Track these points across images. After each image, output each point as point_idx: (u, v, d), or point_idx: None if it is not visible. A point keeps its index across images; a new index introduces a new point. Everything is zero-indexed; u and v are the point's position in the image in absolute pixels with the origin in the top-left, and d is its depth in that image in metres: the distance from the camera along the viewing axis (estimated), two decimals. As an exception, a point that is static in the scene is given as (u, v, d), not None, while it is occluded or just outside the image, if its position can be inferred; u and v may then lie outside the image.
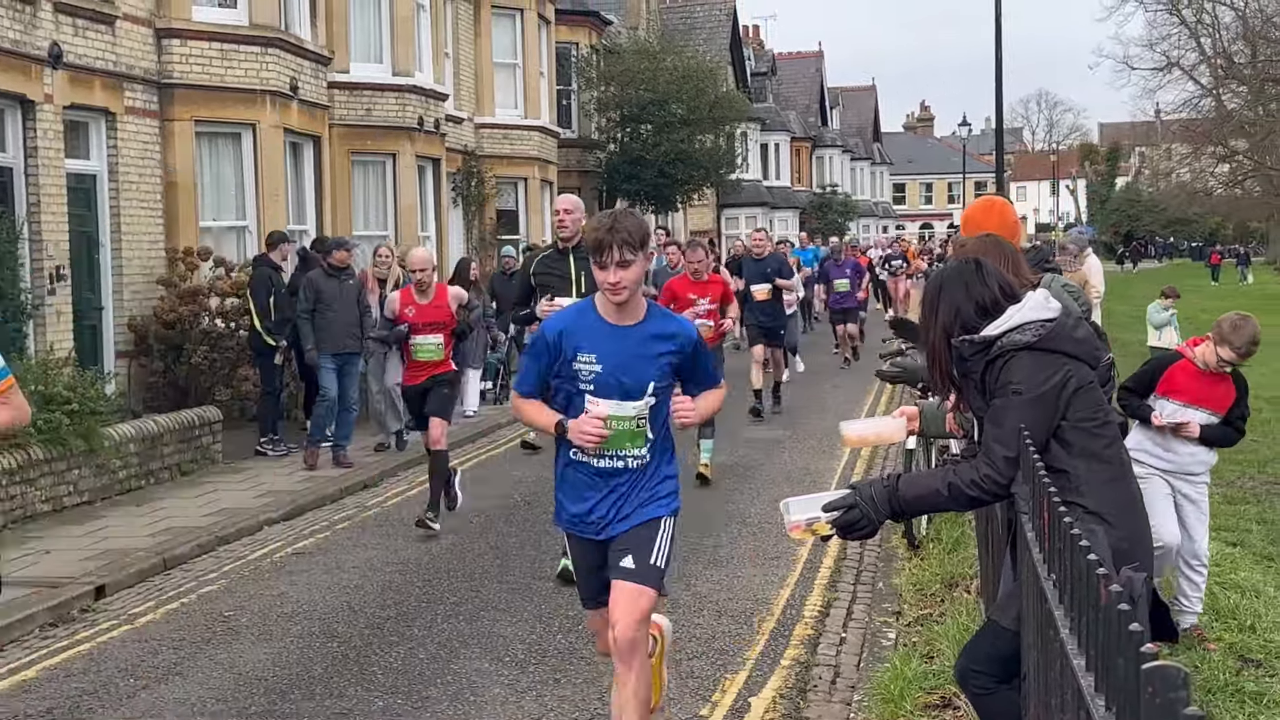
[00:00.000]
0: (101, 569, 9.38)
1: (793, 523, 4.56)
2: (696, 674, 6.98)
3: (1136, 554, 4.25)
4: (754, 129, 50.34)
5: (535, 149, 27.68)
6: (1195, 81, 47.34)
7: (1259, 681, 6.31)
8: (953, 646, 6.61)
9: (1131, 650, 2.30)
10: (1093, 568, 2.77)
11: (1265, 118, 43.81)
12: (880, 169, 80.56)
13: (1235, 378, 7.27)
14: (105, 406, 12.06)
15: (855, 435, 5.61)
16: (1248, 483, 11.63)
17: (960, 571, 8.52)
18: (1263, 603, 7.47)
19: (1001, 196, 7.43)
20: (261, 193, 16.80)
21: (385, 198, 20.54)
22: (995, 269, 4.61)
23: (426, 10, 21.73)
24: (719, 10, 50.22)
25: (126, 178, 15.11)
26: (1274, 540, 9.31)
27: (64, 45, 13.90)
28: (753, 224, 47.28)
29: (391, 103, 20.23)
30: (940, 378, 4.66)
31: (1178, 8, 45.82)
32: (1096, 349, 4.47)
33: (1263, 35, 43.46)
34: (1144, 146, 78.82)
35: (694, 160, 33.82)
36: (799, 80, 66.25)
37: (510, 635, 7.74)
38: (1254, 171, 49.79)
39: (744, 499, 11.67)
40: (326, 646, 7.63)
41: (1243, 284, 54.88)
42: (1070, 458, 4.29)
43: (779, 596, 8.50)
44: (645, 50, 34.17)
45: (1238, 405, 7.27)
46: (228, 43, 16.36)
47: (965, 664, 4.62)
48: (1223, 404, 7.22)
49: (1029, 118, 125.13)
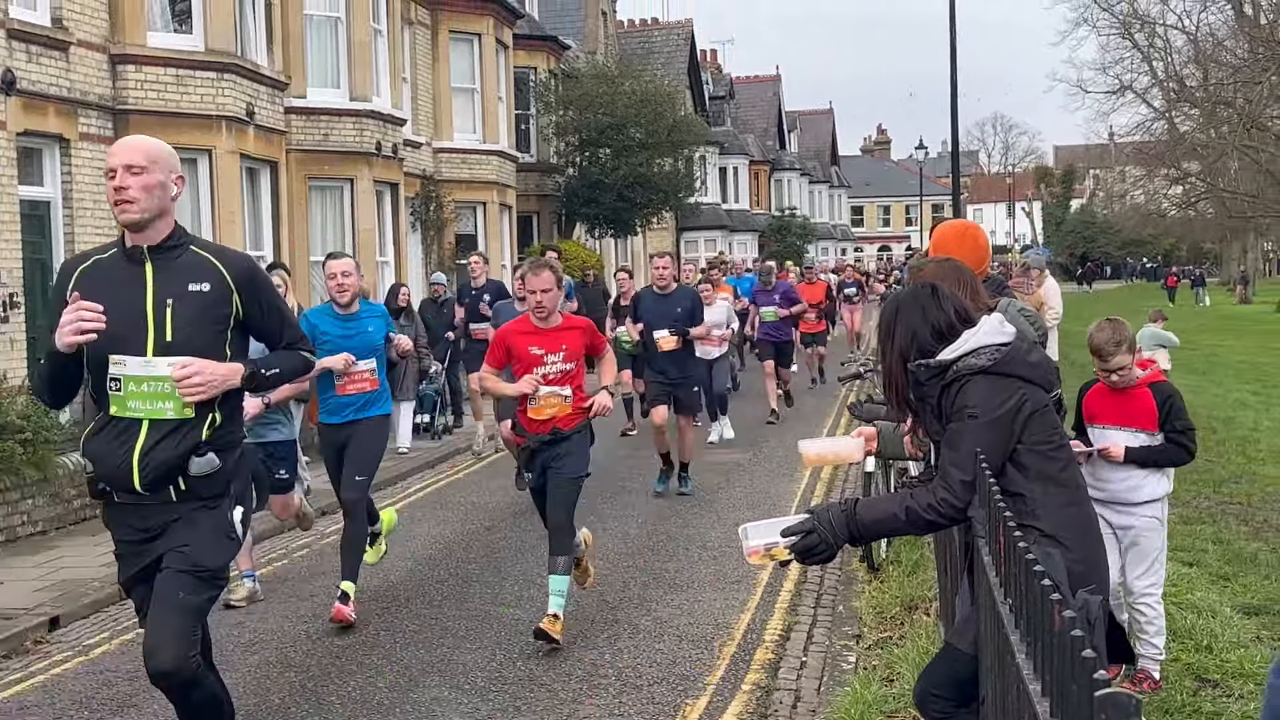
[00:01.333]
0: (56, 600, 9.27)
1: (751, 548, 4.56)
2: (657, 699, 6.96)
3: (1092, 577, 4.27)
4: (712, 152, 50.56)
5: (494, 173, 27.67)
6: (1148, 104, 47.85)
7: (1216, 702, 6.34)
8: (912, 670, 6.62)
9: (1085, 677, 2.30)
10: (1047, 593, 2.78)
11: (1217, 140, 44.24)
12: (838, 192, 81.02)
13: (1155, 388, 6.63)
14: (59, 435, 11.94)
15: (814, 454, 5.64)
16: (1203, 503, 11.71)
17: (920, 594, 8.54)
18: (1219, 623, 7.51)
19: (972, 221, 7.32)
20: (218, 219, 16.70)
21: (343, 223, 20.45)
22: (951, 293, 4.64)
23: (384, 35, 21.70)
24: (677, 35, 50.45)
25: (81, 204, 14.99)
26: (1229, 560, 9.37)
27: (17, 71, 13.79)
28: (712, 247, 47.41)
29: (349, 128, 20.17)
30: (897, 401, 4.68)
31: (1130, 32, 46.31)
32: (1050, 373, 4.50)
33: (1214, 59, 43.95)
34: (1098, 169, 79.69)
35: (653, 184, 33.87)
36: (757, 104, 66.63)
37: (470, 663, 7.69)
38: (1207, 193, 50.30)
39: (704, 523, 11.67)
40: (284, 676, 7.56)
41: (1198, 306, 55.41)
42: (1026, 481, 4.31)
43: (740, 621, 8.49)
44: (604, 75, 34.24)
45: (1170, 417, 6.55)
46: (183, 68, 16.28)
47: (924, 688, 4.62)
48: (1147, 419, 6.56)
49: (985, 141, 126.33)
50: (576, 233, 34.46)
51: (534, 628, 7.87)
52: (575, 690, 7.14)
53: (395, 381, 15.21)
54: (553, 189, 33.40)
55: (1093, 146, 77.05)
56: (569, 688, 7.19)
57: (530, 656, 7.76)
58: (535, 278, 8.20)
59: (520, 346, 8.25)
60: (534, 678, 7.37)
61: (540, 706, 6.89)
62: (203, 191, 16.70)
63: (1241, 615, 7.82)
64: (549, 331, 8.23)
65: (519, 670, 7.53)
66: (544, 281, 8.18)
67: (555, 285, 8.25)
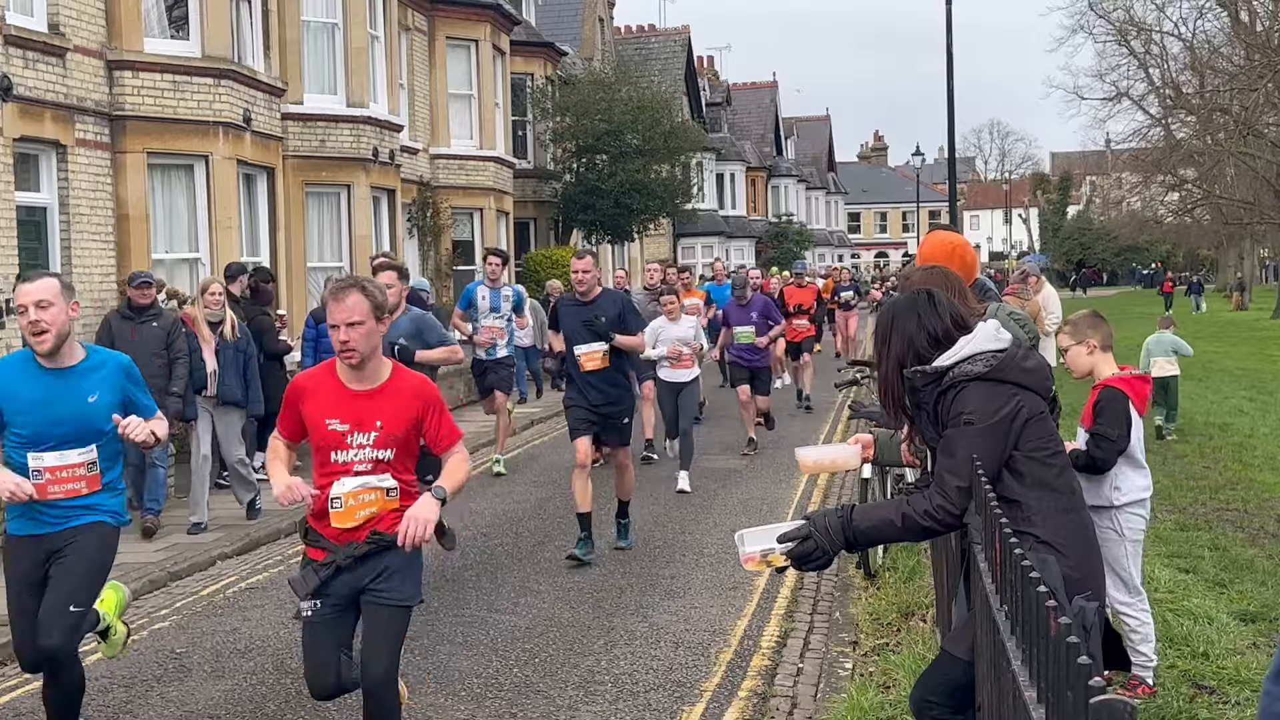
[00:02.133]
0: (51, 606, 9.24)
1: (747, 554, 4.56)
2: (654, 706, 6.95)
3: (1089, 583, 4.28)
4: (709, 159, 50.62)
5: (491, 179, 27.69)
6: (1144, 111, 47.96)
7: (1212, 708, 6.35)
8: (909, 676, 6.63)
9: (1080, 684, 2.30)
10: (1043, 600, 2.78)
11: (1213, 147, 44.35)
12: (835, 198, 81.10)
13: (1103, 390, 6.56)
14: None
15: (811, 461, 5.64)
16: (1199, 509, 11.71)
17: (916, 601, 8.54)
18: (1215, 629, 7.52)
19: (955, 232, 7.30)
20: (214, 225, 16.71)
21: (340, 229, 20.47)
22: (948, 300, 4.65)
23: (381, 41, 21.72)
24: (674, 41, 50.53)
25: (77, 210, 14.98)
26: (1226, 567, 9.37)
27: (14, 77, 13.79)
28: (709, 253, 47.35)
29: (346, 134, 20.19)
30: (893, 408, 4.69)
31: (1126, 39, 46.42)
32: (1047, 379, 4.51)
33: (1210, 65, 44.06)
34: (1095, 175, 79.77)
35: (650, 190, 33.92)
36: (754, 110, 66.74)
37: (466, 669, 7.68)
38: (1203, 200, 50.41)
39: (701, 529, 11.66)
40: (280, 683, 7.55)
41: (1195, 312, 55.45)
42: (1022, 488, 4.31)
43: (736, 627, 8.49)
44: (601, 81, 34.29)
45: (1097, 418, 6.47)
46: (180, 74, 16.29)
47: (920, 695, 4.62)
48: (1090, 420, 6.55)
49: (981, 147, 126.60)
50: (573, 239, 34.48)
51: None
52: (571, 697, 7.13)
53: None
54: (549, 195, 33.46)
55: (1089, 153, 77.18)
56: (565, 694, 7.18)
57: (526, 663, 7.76)
58: (337, 304, 5.34)
59: (314, 415, 5.46)
60: (530, 684, 7.36)
61: (536, 713, 6.88)
62: (199, 198, 16.71)
63: (1238, 621, 7.82)
64: (361, 396, 5.44)
65: (515, 677, 7.52)
66: (350, 309, 5.32)
67: (369, 315, 5.34)
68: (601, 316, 10.43)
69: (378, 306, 5.39)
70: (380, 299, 5.44)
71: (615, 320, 10.53)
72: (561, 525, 11.86)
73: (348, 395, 5.43)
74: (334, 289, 5.42)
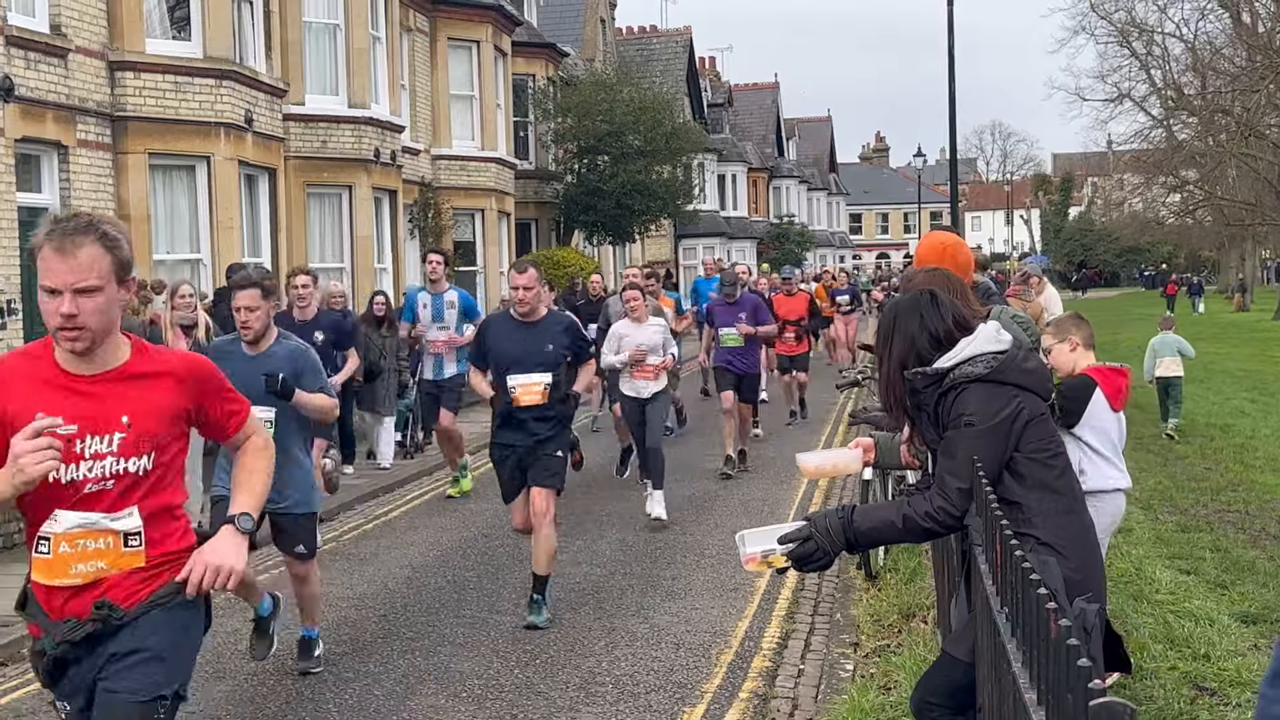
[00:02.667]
0: (52, 607, 9.23)
1: (748, 555, 4.56)
2: (654, 707, 6.95)
3: (1089, 585, 4.27)
4: (711, 160, 50.61)
5: (492, 180, 27.69)
6: (1146, 113, 47.95)
7: (1213, 710, 6.34)
8: (910, 678, 6.62)
9: (1080, 686, 2.30)
10: (1043, 601, 2.78)
11: (1215, 148, 44.34)
12: (836, 199, 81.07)
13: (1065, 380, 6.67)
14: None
15: (813, 466, 5.64)
16: (1201, 510, 11.71)
17: (917, 602, 8.53)
18: (1216, 631, 7.51)
19: (952, 232, 7.36)
20: (216, 225, 16.72)
21: (341, 230, 20.48)
22: (950, 301, 4.65)
23: (382, 42, 21.72)
24: (675, 42, 50.54)
25: (79, 210, 14.98)
26: (1227, 568, 9.36)
27: (15, 78, 13.80)
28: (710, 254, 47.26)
29: (347, 134, 20.19)
30: (894, 409, 4.68)
31: (1128, 40, 46.39)
32: (1047, 381, 4.51)
33: (1212, 67, 44.05)
34: (1096, 176, 79.72)
35: (651, 191, 33.92)
36: (755, 111, 66.71)
37: (467, 670, 7.68)
38: (1204, 201, 50.41)
39: (701, 530, 11.65)
40: (281, 684, 7.55)
41: (1195, 314, 55.42)
42: (1023, 489, 4.31)
43: (737, 628, 8.48)
44: (602, 82, 34.30)
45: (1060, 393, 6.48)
46: (181, 75, 16.30)
47: (921, 696, 4.62)
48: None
49: (983, 148, 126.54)
50: (575, 240, 34.48)
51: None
52: (572, 698, 7.13)
53: (377, 395, 15.09)
54: (551, 196, 33.45)
55: (1091, 154, 77.11)
56: (566, 696, 7.18)
57: (527, 664, 7.76)
58: (61, 259, 3.63)
59: (18, 413, 3.67)
60: (531, 685, 7.36)
61: (537, 714, 6.88)
62: (201, 199, 16.73)
63: (1239, 623, 7.82)
64: (94, 383, 3.78)
65: (516, 678, 7.52)
66: (83, 267, 3.64)
67: (110, 277, 3.70)
68: (548, 344, 8.76)
69: (122, 265, 3.74)
70: (126, 253, 3.77)
71: (564, 348, 8.86)
72: (561, 525, 11.82)
73: (72, 382, 3.74)
74: (55, 234, 3.66)
